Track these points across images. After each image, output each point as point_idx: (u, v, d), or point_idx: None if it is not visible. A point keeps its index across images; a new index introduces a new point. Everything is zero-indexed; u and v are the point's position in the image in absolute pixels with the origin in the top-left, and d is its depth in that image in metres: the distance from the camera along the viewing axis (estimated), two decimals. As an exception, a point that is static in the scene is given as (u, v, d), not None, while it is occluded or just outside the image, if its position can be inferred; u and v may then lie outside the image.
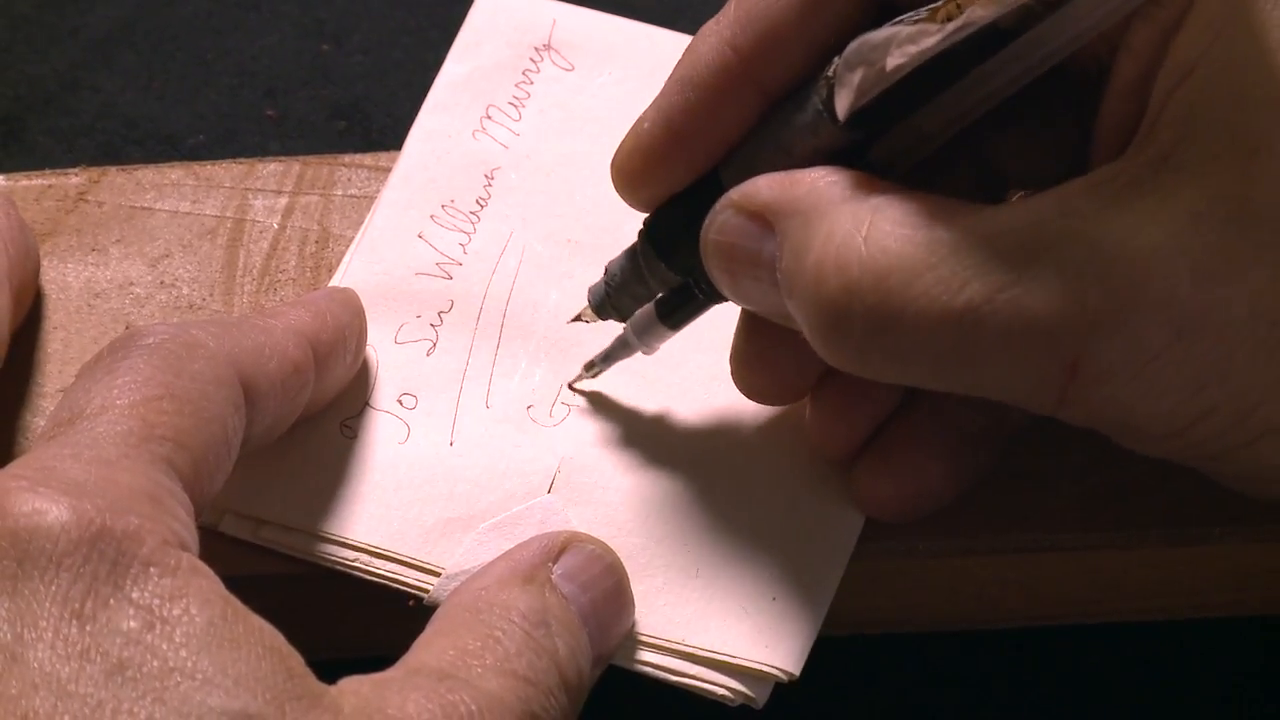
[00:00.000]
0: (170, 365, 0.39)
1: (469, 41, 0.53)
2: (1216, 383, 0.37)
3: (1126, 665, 0.48)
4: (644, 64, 0.52)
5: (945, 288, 0.37)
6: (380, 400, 0.46)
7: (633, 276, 0.45)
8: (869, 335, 0.38)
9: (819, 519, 0.45)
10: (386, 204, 0.50)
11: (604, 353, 0.47)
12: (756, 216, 0.40)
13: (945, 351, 0.38)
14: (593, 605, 0.41)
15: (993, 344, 0.37)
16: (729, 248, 0.41)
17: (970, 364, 0.38)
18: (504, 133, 0.51)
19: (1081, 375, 0.37)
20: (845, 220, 0.39)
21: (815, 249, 0.39)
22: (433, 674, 0.37)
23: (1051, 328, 0.36)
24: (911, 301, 0.37)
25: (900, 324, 0.38)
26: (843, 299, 0.38)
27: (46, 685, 0.33)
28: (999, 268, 0.37)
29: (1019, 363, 0.37)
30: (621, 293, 0.45)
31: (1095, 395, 0.37)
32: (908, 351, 0.38)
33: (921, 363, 0.38)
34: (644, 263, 0.44)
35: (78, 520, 0.35)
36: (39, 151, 0.58)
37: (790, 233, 0.40)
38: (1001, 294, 0.37)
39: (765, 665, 0.42)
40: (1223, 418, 0.37)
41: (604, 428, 0.46)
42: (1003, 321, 0.37)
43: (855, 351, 0.39)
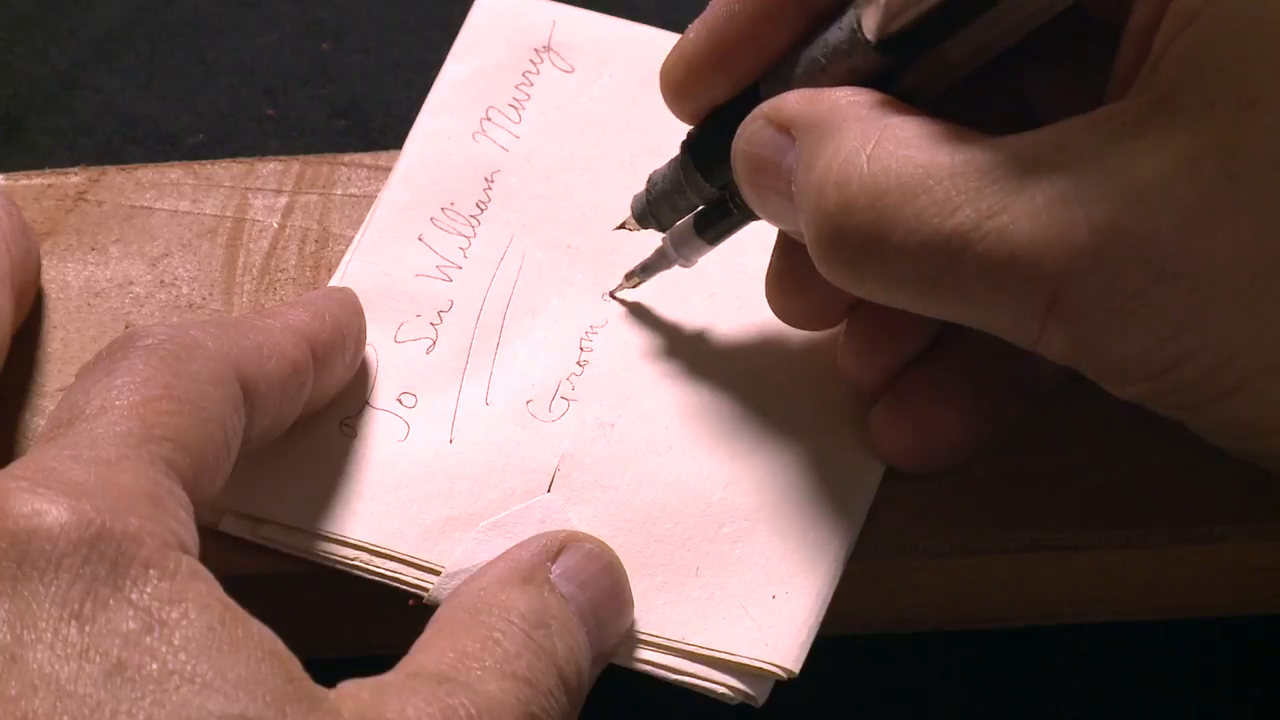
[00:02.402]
0: (169, 366, 0.39)
1: (469, 43, 0.53)
2: (1193, 329, 0.37)
3: (1126, 665, 0.48)
4: (644, 66, 0.52)
5: (936, 211, 0.38)
6: (380, 399, 0.46)
7: (673, 187, 0.46)
8: (861, 253, 0.39)
9: (819, 513, 0.45)
10: (386, 205, 0.50)
11: (643, 263, 0.48)
12: (782, 129, 0.41)
13: (932, 276, 0.38)
14: (591, 604, 0.41)
15: (976, 271, 0.37)
16: (755, 158, 0.42)
17: (956, 290, 0.38)
18: (504, 135, 0.51)
19: (1059, 310, 0.37)
20: (854, 137, 0.39)
21: (822, 163, 0.39)
22: (432, 677, 0.37)
23: (1033, 259, 0.37)
24: (902, 222, 0.38)
25: (890, 244, 0.38)
26: (839, 215, 0.39)
27: (46, 686, 0.33)
28: (989, 195, 0.37)
29: (1001, 293, 0.38)
30: (661, 203, 0.46)
31: (1073, 331, 0.37)
32: (899, 272, 0.39)
33: (910, 285, 0.39)
34: (683, 174, 0.45)
35: (77, 521, 0.35)
36: (39, 151, 0.58)
37: (807, 145, 0.40)
38: (988, 221, 0.37)
39: (764, 663, 0.42)
40: (1198, 366, 0.37)
41: (603, 424, 0.46)
42: (987, 249, 0.37)
43: (849, 269, 0.40)
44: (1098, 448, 0.46)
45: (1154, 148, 0.36)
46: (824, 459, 0.46)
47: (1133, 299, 0.36)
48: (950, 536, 0.45)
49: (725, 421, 0.46)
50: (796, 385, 0.47)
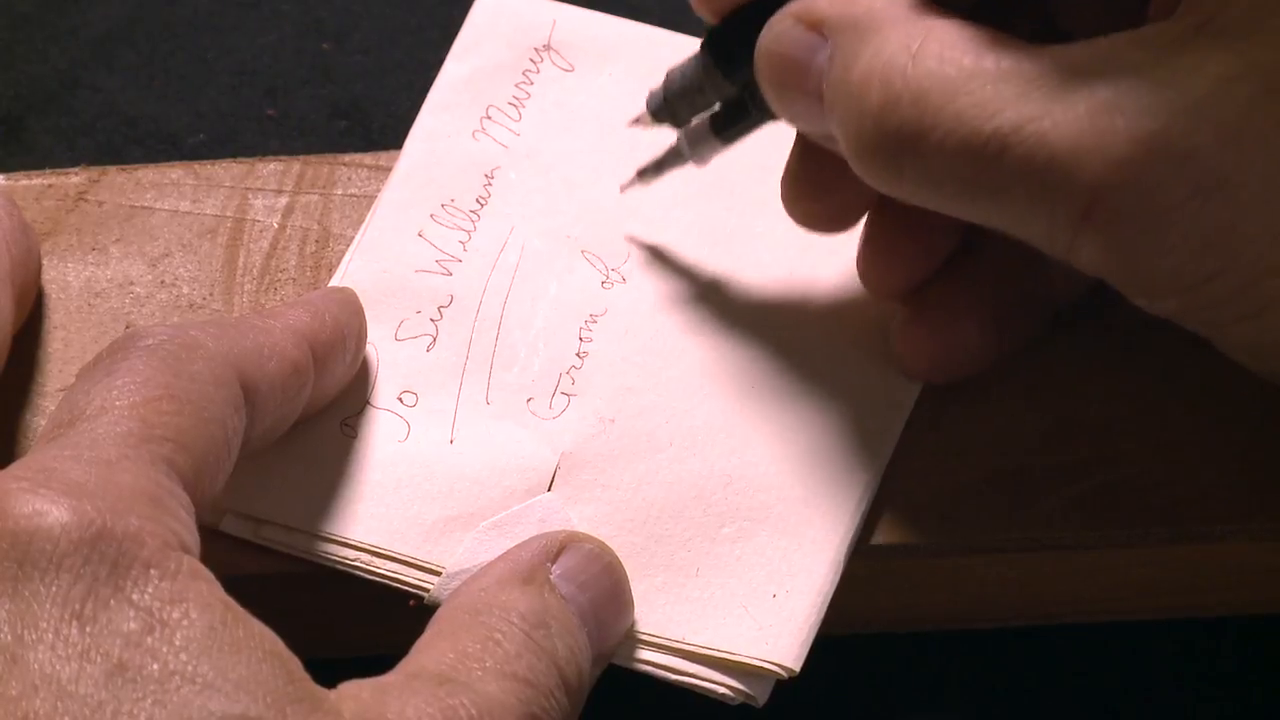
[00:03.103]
0: (170, 366, 0.39)
1: (469, 42, 0.53)
2: (1225, 245, 0.37)
3: (1126, 665, 0.48)
4: (644, 64, 0.52)
5: (979, 112, 0.38)
6: (380, 398, 0.46)
7: (691, 84, 0.46)
8: (902, 151, 0.39)
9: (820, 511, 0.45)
10: (386, 203, 0.50)
11: (656, 160, 0.48)
12: (814, 27, 0.41)
13: (971, 177, 0.39)
14: (592, 605, 0.41)
15: (1015, 174, 0.38)
16: (782, 58, 0.42)
17: (993, 193, 0.39)
18: (504, 133, 0.51)
19: (1094, 218, 0.37)
20: (898, 37, 0.40)
21: (863, 61, 0.40)
22: (433, 678, 0.37)
23: (1071, 165, 0.37)
24: (944, 121, 0.38)
25: (931, 143, 0.39)
26: (881, 112, 0.39)
27: (47, 686, 0.33)
28: (1032, 100, 0.38)
29: (1037, 197, 0.38)
30: (679, 98, 0.46)
31: (1106, 240, 0.38)
32: (936, 173, 0.39)
33: (948, 186, 0.39)
34: (703, 71, 0.45)
35: (78, 521, 0.35)
36: (39, 151, 0.57)
37: (843, 45, 0.40)
38: (1029, 125, 0.37)
39: (765, 661, 0.42)
40: (1228, 282, 0.38)
41: (603, 419, 0.46)
42: (1026, 152, 0.37)
43: (888, 168, 0.40)
44: (1098, 448, 0.46)
45: (1197, 66, 0.37)
46: (824, 457, 0.46)
47: (1167, 211, 0.37)
48: (950, 536, 0.45)
49: (725, 416, 0.46)
50: (794, 381, 0.47)
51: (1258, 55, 0.37)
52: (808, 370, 0.47)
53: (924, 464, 0.46)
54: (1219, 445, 0.46)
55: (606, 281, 0.49)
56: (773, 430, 0.46)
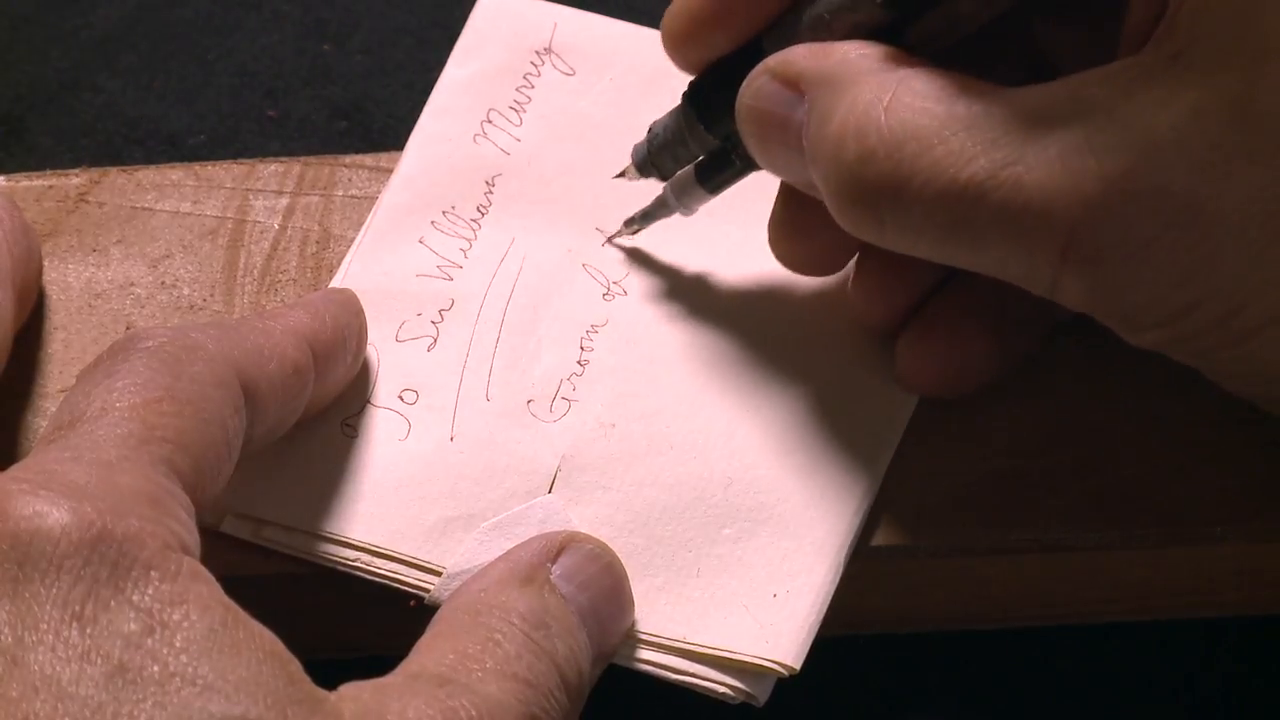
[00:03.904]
0: (170, 368, 0.39)
1: (470, 45, 0.53)
2: (1203, 277, 0.37)
3: (1126, 665, 0.48)
4: (645, 67, 0.52)
5: (953, 161, 0.38)
6: (381, 397, 0.47)
7: (675, 137, 0.46)
8: (881, 202, 0.40)
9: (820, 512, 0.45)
10: (387, 206, 0.50)
11: (644, 211, 0.49)
12: (790, 83, 0.42)
13: (950, 224, 0.39)
14: (591, 605, 0.41)
15: (992, 220, 0.38)
16: (762, 113, 0.42)
17: (971, 239, 0.39)
18: (505, 138, 0.51)
19: (1072, 258, 0.38)
20: (870, 90, 0.40)
21: (838, 116, 0.40)
22: (433, 679, 0.37)
23: (1045, 208, 0.37)
24: (920, 172, 0.39)
25: (909, 193, 0.39)
26: (858, 166, 0.40)
27: (47, 688, 0.33)
28: (1004, 145, 0.38)
29: (1015, 241, 0.38)
30: (663, 152, 0.47)
31: (1086, 279, 0.38)
32: (916, 221, 0.39)
33: (929, 235, 0.40)
34: (685, 125, 0.46)
35: (78, 523, 0.35)
36: (40, 152, 0.57)
37: (818, 100, 0.41)
38: (1003, 171, 0.38)
39: (765, 660, 0.42)
40: (1209, 313, 0.38)
41: (604, 424, 0.46)
42: (1002, 198, 0.38)
43: (869, 219, 0.40)
44: (1097, 448, 0.46)
45: (1167, 99, 0.37)
46: (825, 459, 0.46)
47: (1143, 247, 0.37)
48: (950, 536, 0.45)
49: (726, 420, 0.46)
50: (795, 386, 0.47)
51: (1229, 87, 0.37)
52: (808, 375, 0.47)
53: (924, 465, 0.46)
54: (1219, 445, 0.46)
55: (608, 294, 0.49)
56: (774, 433, 0.46)
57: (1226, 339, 0.39)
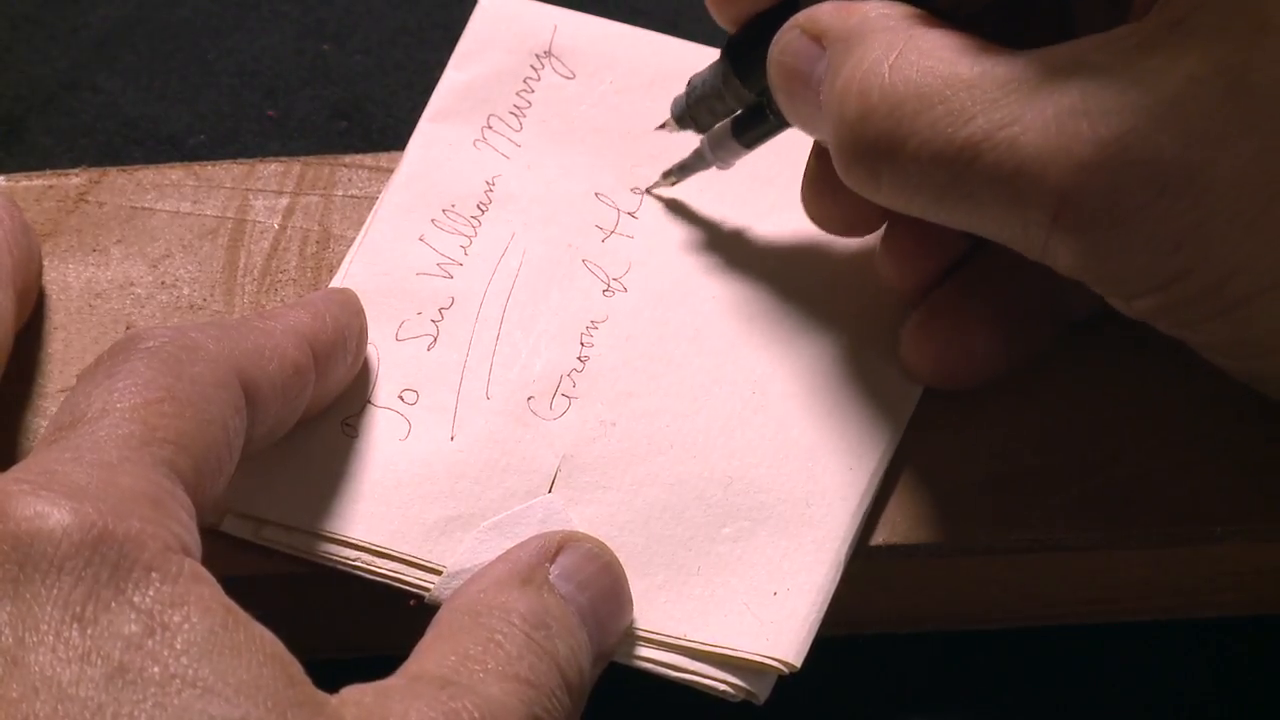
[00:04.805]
0: (170, 368, 0.39)
1: (470, 48, 0.53)
2: (1194, 244, 0.38)
3: (1126, 665, 0.48)
4: (645, 71, 0.52)
5: (951, 121, 0.39)
6: (381, 397, 0.47)
7: (712, 91, 0.47)
8: (879, 160, 0.40)
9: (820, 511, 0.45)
10: (388, 206, 0.50)
11: (680, 163, 0.49)
12: (815, 39, 0.42)
13: (945, 185, 0.39)
14: (591, 604, 0.41)
15: (986, 181, 0.39)
16: (788, 68, 0.43)
17: (966, 199, 0.39)
18: (505, 143, 0.51)
19: (1063, 221, 0.38)
20: (878, 48, 0.40)
21: (846, 72, 0.40)
22: (435, 681, 0.37)
23: (1038, 171, 0.38)
24: (919, 131, 0.39)
25: (907, 152, 0.39)
26: (859, 123, 0.40)
27: (47, 688, 0.33)
28: (1003, 106, 0.38)
29: (1008, 203, 0.39)
30: (700, 105, 0.47)
31: (1077, 243, 0.38)
32: (913, 180, 0.40)
33: (924, 194, 0.40)
34: (722, 79, 0.46)
35: (79, 524, 0.35)
36: (40, 152, 0.57)
37: (834, 55, 0.41)
38: (1000, 132, 0.38)
39: (766, 657, 0.42)
40: (1198, 281, 0.38)
41: (604, 423, 0.46)
42: (996, 159, 0.38)
43: (867, 176, 0.41)
44: (1097, 448, 0.46)
45: (1165, 67, 0.37)
46: (825, 458, 0.46)
47: (1134, 211, 0.37)
48: (950, 536, 0.45)
49: (726, 419, 0.46)
50: (795, 384, 0.47)
51: (1227, 56, 0.37)
52: (809, 374, 0.47)
53: (924, 464, 0.46)
54: (1219, 445, 0.46)
55: (608, 290, 0.49)
56: (774, 432, 0.46)
57: (1217, 307, 0.39)
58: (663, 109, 0.49)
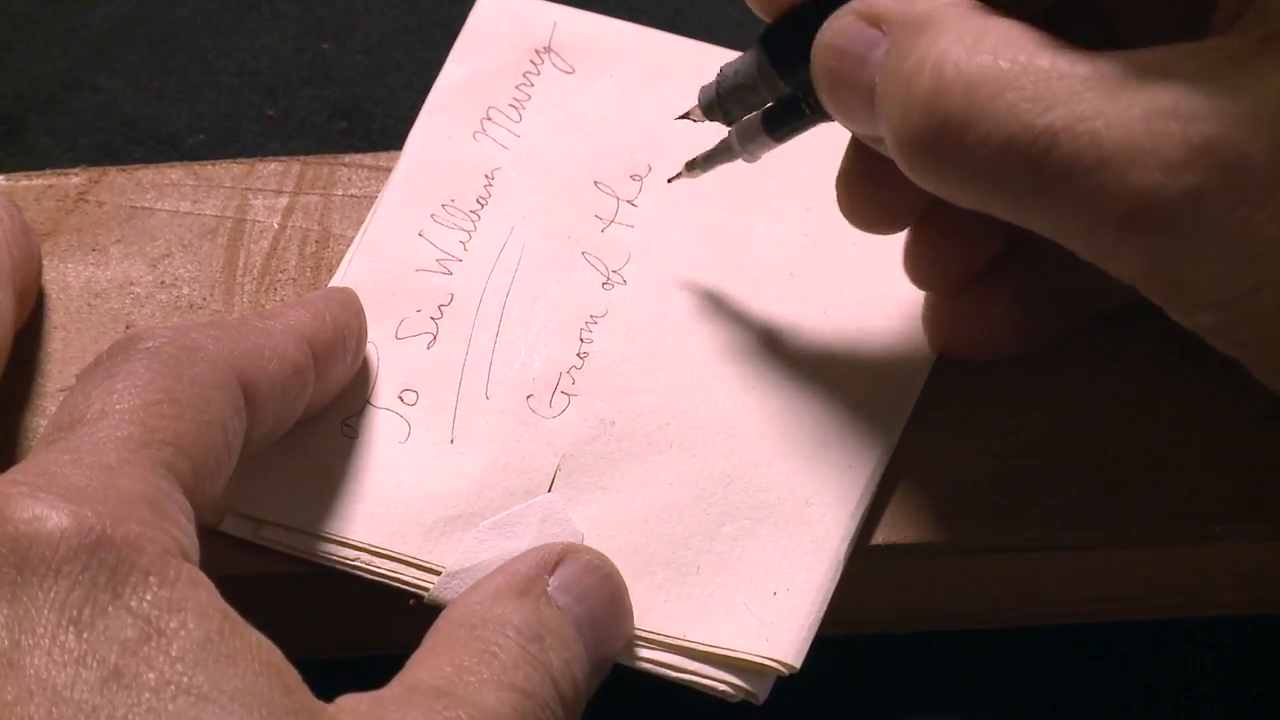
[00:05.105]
0: (170, 369, 0.39)
1: (469, 44, 0.53)
2: (1271, 258, 0.37)
3: (1126, 665, 0.48)
4: (644, 67, 0.52)
5: (1030, 107, 0.38)
6: (381, 398, 0.47)
7: (746, 82, 0.45)
8: (945, 141, 0.39)
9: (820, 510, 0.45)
10: (387, 204, 0.50)
11: (706, 153, 0.48)
12: (874, 23, 0.41)
13: (1015, 172, 0.38)
14: (589, 616, 0.41)
15: (1062, 173, 0.37)
16: (839, 52, 0.42)
17: (1035, 191, 0.38)
18: (504, 134, 0.51)
19: (1141, 221, 0.37)
20: (954, 32, 0.39)
21: (918, 51, 0.39)
22: (430, 691, 0.37)
23: (1123, 166, 0.37)
24: (994, 113, 0.38)
25: (978, 134, 0.38)
26: (930, 99, 0.39)
27: (42, 692, 0.33)
28: (1085, 100, 0.37)
29: (1082, 197, 0.37)
30: (731, 97, 0.46)
31: (1150, 246, 0.37)
32: (980, 166, 0.39)
33: (990, 181, 0.39)
34: (758, 70, 0.45)
35: (78, 527, 0.35)
36: (39, 151, 0.57)
37: (900, 38, 0.40)
38: (1081, 124, 0.37)
39: (765, 658, 0.42)
40: (1270, 297, 0.37)
41: (603, 421, 0.46)
42: (1076, 150, 0.37)
43: (930, 160, 0.40)
44: (1098, 448, 0.46)
45: (1258, 80, 0.37)
46: (824, 457, 0.46)
47: (1217, 218, 0.36)
48: (950, 536, 0.45)
49: (725, 417, 0.46)
50: (794, 382, 0.47)
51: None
52: (808, 371, 0.47)
53: (924, 464, 0.46)
54: (1219, 445, 0.46)
55: (607, 283, 0.49)
56: (773, 430, 0.46)
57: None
58: (664, 103, 0.49)
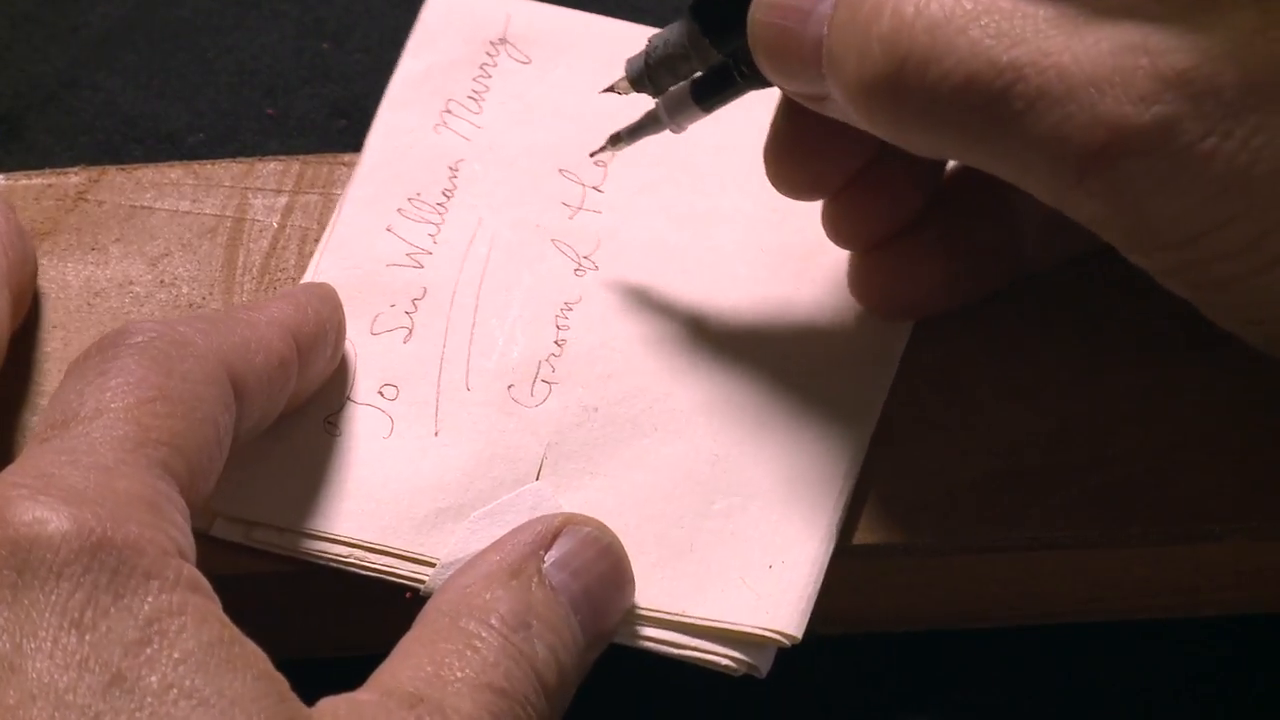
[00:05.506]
0: (161, 366, 0.39)
1: (423, 39, 0.53)
2: (1240, 190, 0.37)
3: (1125, 665, 0.48)
4: (599, 54, 0.53)
5: (994, 43, 0.37)
6: (361, 394, 0.47)
7: (675, 51, 0.45)
8: (906, 80, 0.38)
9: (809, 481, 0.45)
10: (352, 200, 0.50)
11: (632, 125, 0.47)
12: None
13: (979, 108, 0.38)
14: (585, 592, 0.41)
15: (1026, 107, 0.37)
16: (781, 8, 0.41)
17: (998, 128, 0.38)
18: (466, 126, 0.52)
19: (1109, 156, 0.37)
20: None
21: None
22: (405, 699, 0.37)
23: (1091, 100, 0.36)
24: (957, 50, 0.37)
25: (940, 70, 0.38)
26: (890, 38, 0.38)
27: (45, 695, 0.33)
28: (1051, 36, 0.37)
29: (1047, 134, 0.37)
30: (660, 67, 0.45)
31: (1117, 177, 0.37)
32: (942, 105, 0.38)
33: (953, 120, 0.38)
34: (689, 38, 0.44)
35: (78, 530, 0.35)
36: (39, 150, 0.57)
37: None
38: (1047, 59, 0.37)
39: (766, 630, 0.42)
40: (1239, 230, 0.37)
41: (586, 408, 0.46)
42: (1043, 84, 0.37)
43: (890, 102, 0.39)
44: (1097, 448, 0.46)
45: (1225, 18, 0.36)
46: (810, 426, 0.46)
47: (1186, 149, 0.36)
48: (950, 536, 0.45)
49: (707, 396, 0.46)
50: (773, 355, 0.47)
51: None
52: (787, 344, 0.47)
53: (924, 464, 0.46)
54: (1219, 445, 0.46)
55: (579, 269, 0.49)
56: (756, 405, 0.46)
57: (1251, 264, 0.38)
58: None
